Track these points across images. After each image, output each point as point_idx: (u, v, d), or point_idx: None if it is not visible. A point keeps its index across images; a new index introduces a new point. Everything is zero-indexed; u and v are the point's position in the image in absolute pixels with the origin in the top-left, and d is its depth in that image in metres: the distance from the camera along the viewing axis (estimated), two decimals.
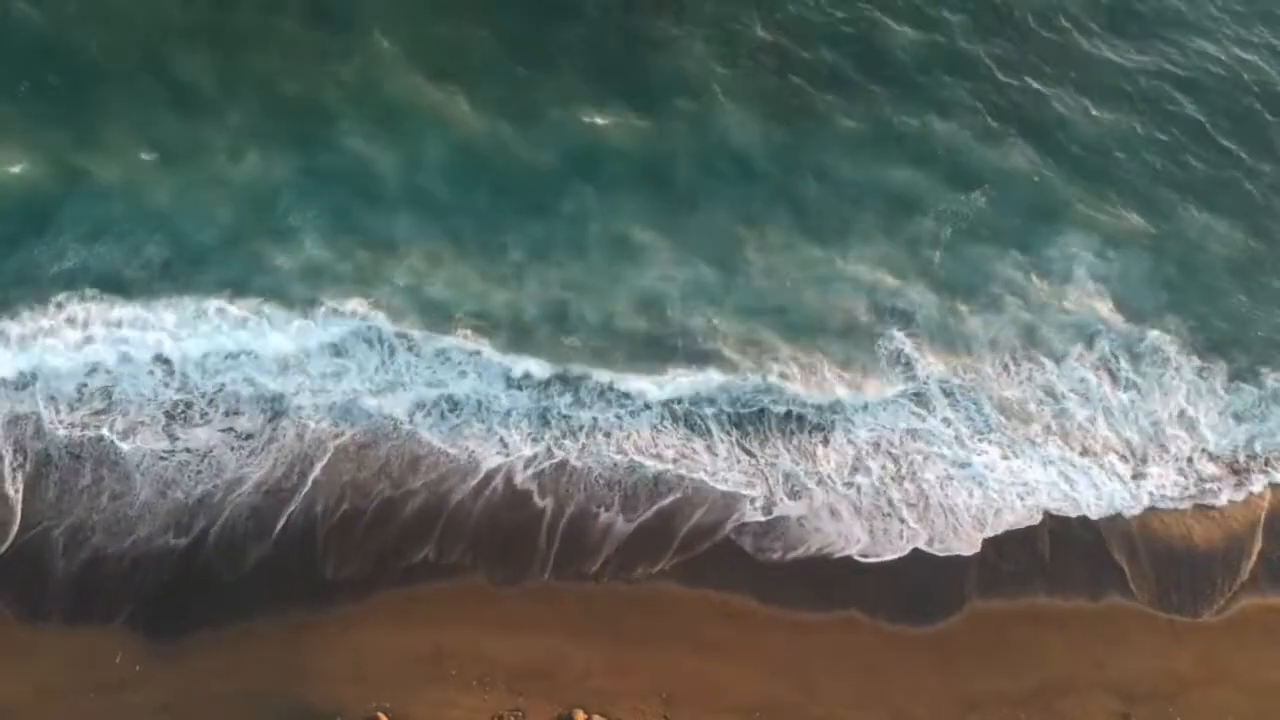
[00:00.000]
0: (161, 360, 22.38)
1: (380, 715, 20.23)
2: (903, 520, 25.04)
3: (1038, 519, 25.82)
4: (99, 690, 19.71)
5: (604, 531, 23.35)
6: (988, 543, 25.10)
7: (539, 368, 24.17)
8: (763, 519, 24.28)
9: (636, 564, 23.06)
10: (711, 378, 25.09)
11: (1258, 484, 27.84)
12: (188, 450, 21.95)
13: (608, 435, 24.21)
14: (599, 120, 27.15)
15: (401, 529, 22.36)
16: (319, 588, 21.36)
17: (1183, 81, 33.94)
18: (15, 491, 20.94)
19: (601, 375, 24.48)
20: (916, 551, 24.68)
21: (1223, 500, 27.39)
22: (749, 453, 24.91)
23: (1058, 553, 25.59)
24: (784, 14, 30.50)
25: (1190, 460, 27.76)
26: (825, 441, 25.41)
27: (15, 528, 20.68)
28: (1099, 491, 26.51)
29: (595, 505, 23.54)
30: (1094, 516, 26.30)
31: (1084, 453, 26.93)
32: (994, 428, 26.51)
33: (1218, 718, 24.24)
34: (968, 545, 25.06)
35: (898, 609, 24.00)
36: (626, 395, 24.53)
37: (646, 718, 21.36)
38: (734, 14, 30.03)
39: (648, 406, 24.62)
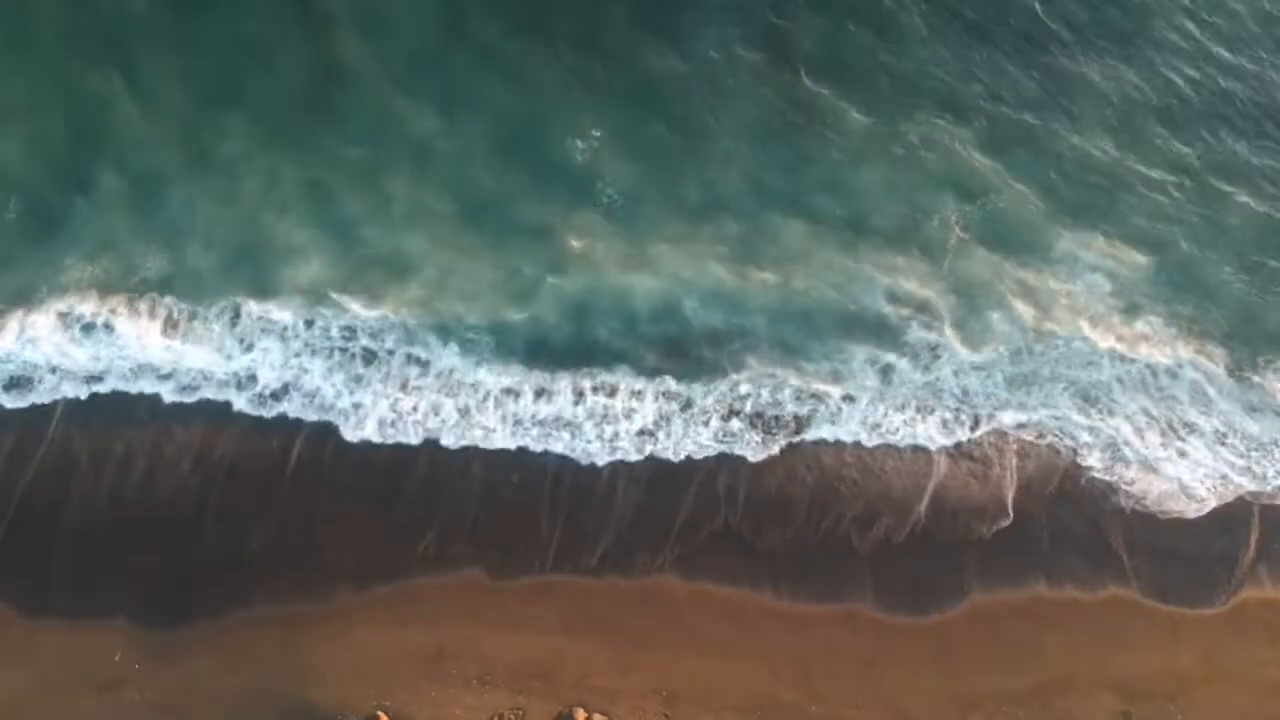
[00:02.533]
0: None
1: (381, 714, 20.25)
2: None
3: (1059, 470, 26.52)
4: (99, 689, 19.73)
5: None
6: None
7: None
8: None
9: (636, 553, 23.03)
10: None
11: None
12: None
13: None
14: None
15: None
16: (319, 580, 21.38)
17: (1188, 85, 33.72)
18: None
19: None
20: (917, 542, 24.60)
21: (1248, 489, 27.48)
22: None
23: (1057, 544, 25.53)
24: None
25: (1221, 445, 27.96)
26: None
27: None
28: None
29: None
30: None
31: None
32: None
33: (1219, 716, 24.26)
34: (999, 508, 25.51)
35: (898, 601, 23.94)
36: None
37: (647, 716, 21.38)
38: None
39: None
